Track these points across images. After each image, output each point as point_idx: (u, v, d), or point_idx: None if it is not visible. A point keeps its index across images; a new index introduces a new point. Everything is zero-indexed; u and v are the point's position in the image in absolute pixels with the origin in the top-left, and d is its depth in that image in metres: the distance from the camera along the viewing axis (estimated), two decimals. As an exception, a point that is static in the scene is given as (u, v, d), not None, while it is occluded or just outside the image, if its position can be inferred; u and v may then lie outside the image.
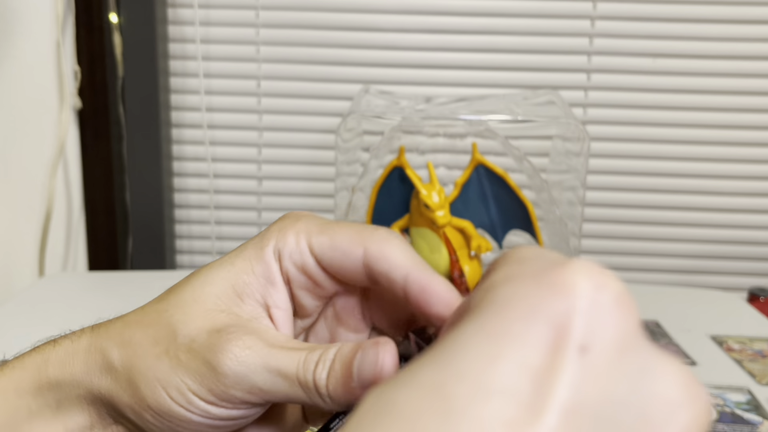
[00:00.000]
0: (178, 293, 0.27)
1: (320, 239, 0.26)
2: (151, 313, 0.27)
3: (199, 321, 0.26)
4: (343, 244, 0.26)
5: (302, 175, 1.06)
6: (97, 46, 0.99)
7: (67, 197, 1.04)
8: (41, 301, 0.82)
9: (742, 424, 0.59)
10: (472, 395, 0.15)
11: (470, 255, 0.79)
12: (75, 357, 0.27)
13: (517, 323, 0.17)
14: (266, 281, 0.27)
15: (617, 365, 0.16)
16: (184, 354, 0.25)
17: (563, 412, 0.15)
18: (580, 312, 0.16)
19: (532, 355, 0.16)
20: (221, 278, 0.27)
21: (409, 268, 0.25)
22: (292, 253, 0.27)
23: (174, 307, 0.27)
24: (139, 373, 0.26)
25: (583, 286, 0.17)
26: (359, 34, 1.01)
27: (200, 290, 0.27)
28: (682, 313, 0.84)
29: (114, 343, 0.27)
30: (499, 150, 0.79)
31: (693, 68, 1.00)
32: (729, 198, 1.04)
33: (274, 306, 0.27)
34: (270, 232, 0.27)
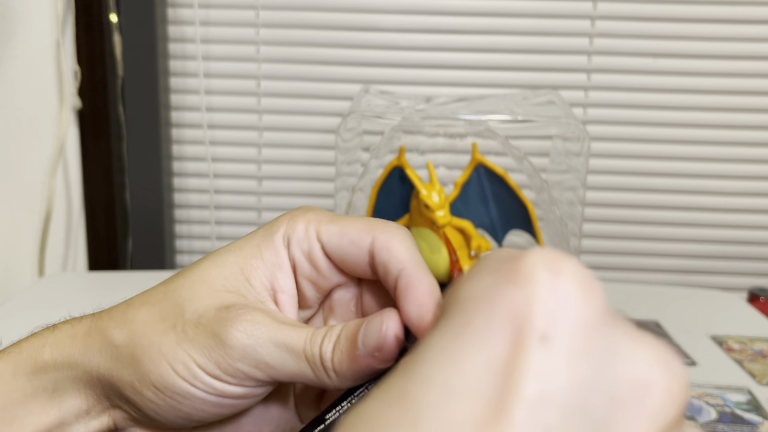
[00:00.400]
0: (186, 275, 0.27)
1: (329, 227, 0.27)
2: (157, 294, 0.27)
3: (207, 299, 0.26)
4: (352, 232, 0.27)
5: (302, 175, 1.06)
6: (97, 46, 0.99)
7: (66, 197, 1.04)
8: (41, 301, 0.82)
9: (742, 425, 0.59)
10: (438, 399, 0.15)
11: (470, 255, 0.79)
12: (74, 339, 0.27)
13: (477, 319, 0.16)
14: (274, 266, 0.27)
15: (582, 349, 0.16)
16: (191, 328, 0.25)
17: (531, 405, 0.15)
18: (539, 300, 0.16)
19: (494, 351, 0.16)
20: (230, 261, 0.27)
21: (407, 263, 0.26)
22: (300, 240, 0.27)
23: (182, 287, 0.27)
24: (142, 349, 0.26)
25: (540, 274, 0.17)
26: (359, 34, 1.01)
27: (208, 271, 0.27)
28: (682, 313, 0.84)
29: (116, 323, 0.27)
30: (499, 150, 0.79)
31: (693, 68, 1.00)
32: (729, 198, 1.04)
33: (280, 290, 0.27)
34: (280, 220, 0.28)
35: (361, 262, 0.27)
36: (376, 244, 0.26)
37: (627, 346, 0.16)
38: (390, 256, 0.26)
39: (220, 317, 0.25)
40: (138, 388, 0.26)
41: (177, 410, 0.26)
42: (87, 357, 0.27)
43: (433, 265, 0.79)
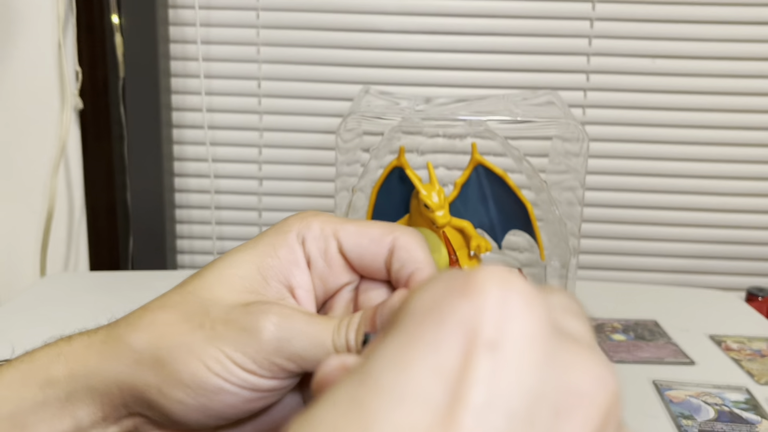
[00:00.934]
0: (201, 277, 0.28)
1: (347, 227, 0.28)
2: (173, 297, 0.27)
3: (229, 299, 0.26)
4: (372, 232, 0.28)
5: (302, 175, 1.06)
6: (99, 47, 0.99)
7: (68, 197, 1.04)
8: (43, 301, 0.82)
9: (741, 424, 0.59)
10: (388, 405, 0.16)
11: (470, 255, 0.79)
12: (89, 349, 0.27)
13: (428, 328, 0.17)
14: (290, 263, 0.28)
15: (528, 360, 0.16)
16: (221, 325, 0.25)
17: (478, 411, 0.15)
18: (488, 311, 0.17)
19: (444, 359, 0.16)
20: (245, 261, 0.27)
21: (423, 264, 0.27)
22: (317, 238, 0.28)
23: (200, 289, 0.27)
24: (169, 350, 0.25)
25: (490, 288, 0.17)
26: (359, 35, 1.02)
27: (225, 272, 0.27)
28: (680, 313, 0.84)
29: (134, 328, 0.27)
30: (499, 150, 0.80)
31: (692, 69, 1.01)
32: (728, 198, 1.04)
33: (298, 286, 0.28)
34: (290, 220, 0.29)
35: (379, 259, 0.28)
36: (398, 243, 0.27)
37: (570, 359, 0.17)
38: (409, 255, 0.27)
39: (250, 312, 0.26)
40: (166, 390, 0.26)
41: (207, 409, 0.26)
42: (104, 365, 0.27)
43: (432, 265, 0.79)
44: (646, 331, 0.79)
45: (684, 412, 0.61)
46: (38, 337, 0.72)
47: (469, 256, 0.79)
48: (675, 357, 0.72)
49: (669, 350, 0.74)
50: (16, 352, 0.31)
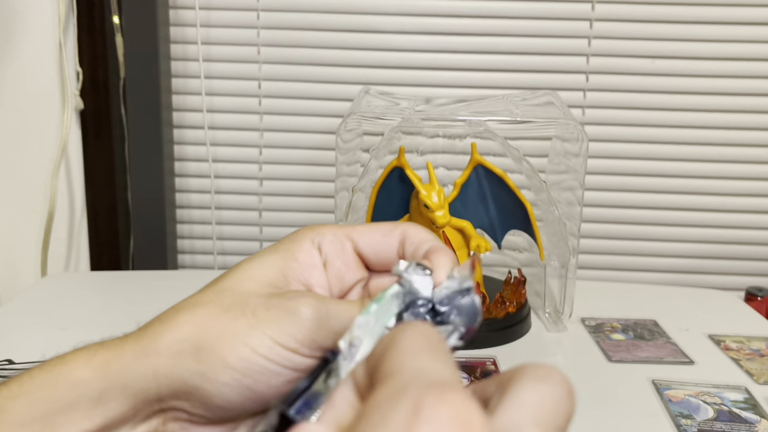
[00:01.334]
0: (230, 278, 0.30)
1: (357, 228, 0.32)
2: (206, 295, 0.29)
3: (263, 291, 0.29)
4: (383, 228, 0.32)
5: (303, 175, 1.06)
6: (99, 48, 0.99)
7: (69, 197, 1.05)
8: (44, 301, 0.82)
9: (740, 423, 0.59)
10: None
11: (469, 255, 0.79)
12: (124, 348, 0.28)
13: None
14: (309, 266, 0.31)
15: None
16: (263, 311, 0.28)
17: None
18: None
19: None
20: (270, 264, 0.30)
21: (434, 242, 0.31)
22: (332, 241, 0.31)
23: (231, 287, 0.29)
24: (213, 339, 0.27)
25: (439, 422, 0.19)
26: (359, 35, 1.02)
27: (253, 272, 0.30)
28: (679, 313, 0.84)
29: (170, 325, 0.28)
30: (498, 150, 0.80)
31: (691, 69, 1.01)
32: (727, 198, 1.04)
33: (316, 285, 0.31)
34: (303, 231, 0.32)
35: (392, 250, 0.31)
36: (407, 233, 0.31)
37: None
38: (420, 239, 0.31)
39: (288, 298, 0.28)
40: (211, 375, 0.27)
41: (250, 391, 0.27)
42: (141, 360, 0.27)
43: (432, 265, 0.79)
44: (645, 330, 0.79)
45: (683, 412, 0.61)
46: (39, 336, 0.73)
47: (469, 255, 0.79)
48: (674, 356, 0.73)
49: (668, 350, 0.74)
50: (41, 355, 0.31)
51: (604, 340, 0.76)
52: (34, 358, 0.61)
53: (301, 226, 0.32)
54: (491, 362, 0.70)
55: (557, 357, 0.74)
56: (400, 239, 0.31)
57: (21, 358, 0.62)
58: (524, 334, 0.78)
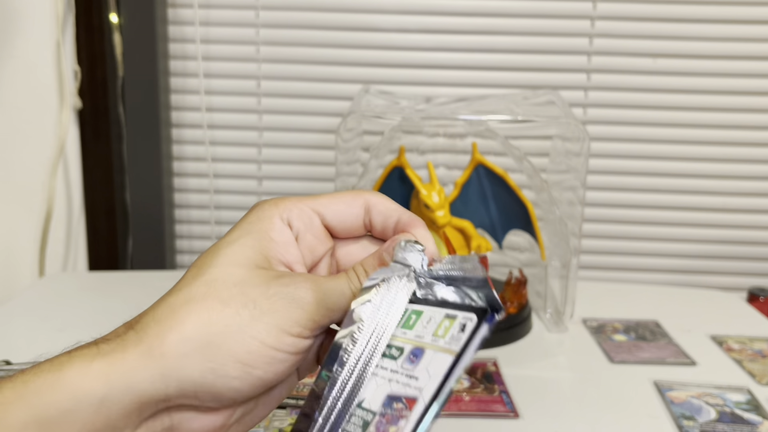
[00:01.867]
0: (213, 264, 0.30)
1: (320, 201, 0.33)
2: (197, 289, 0.29)
3: (256, 277, 0.29)
4: (345, 198, 0.33)
5: (302, 175, 1.06)
6: (98, 46, 0.99)
7: (67, 197, 1.04)
8: (41, 301, 0.82)
9: (742, 424, 0.59)
10: None
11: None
12: (125, 353, 0.27)
13: None
14: (284, 244, 0.31)
15: None
16: (264, 301, 0.28)
17: None
18: None
19: None
20: (249, 246, 0.30)
21: (400, 212, 0.33)
22: (300, 216, 0.32)
23: (220, 275, 0.29)
24: (219, 335, 0.27)
25: None
26: (359, 34, 1.01)
27: (235, 257, 0.30)
28: (681, 313, 0.84)
29: (170, 325, 0.28)
30: (499, 150, 0.80)
31: (693, 68, 1.00)
32: (729, 198, 1.04)
33: (294, 262, 0.32)
34: (266, 207, 0.32)
35: (358, 220, 0.33)
36: (370, 202, 0.33)
37: None
38: (385, 208, 0.33)
39: (286, 285, 0.29)
40: (221, 371, 0.27)
41: (259, 380, 0.28)
42: (146, 364, 0.27)
43: (433, 265, 0.79)
44: (647, 331, 0.79)
45: (685, 413, 0.61)
46: (37, 337, 0.72)
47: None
48: (676, 357, 0.72)
49: (670, 351, 0.74)
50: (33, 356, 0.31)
51: (606, 341, 0.76)
52: (32, 359, 0.61)
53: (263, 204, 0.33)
54: (492, 363, 0.70)
55: (559, 358, 0.73)
56: (365, 207, 0.33)
57: (18, 359, 0.62)
58: (525, 335, 0.78)
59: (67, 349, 0.29)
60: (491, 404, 0.62)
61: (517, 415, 0.60)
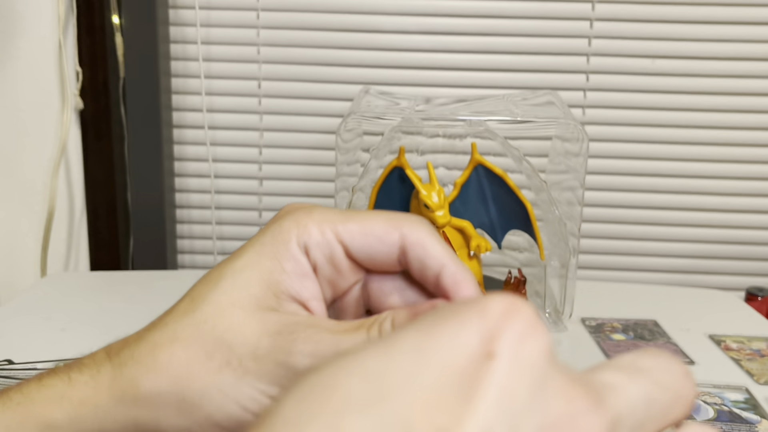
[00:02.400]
0: (210, 301, 0.26)
1: (348, 227, 0.27)
2: (185, 328, 0.26)
3: (249, 326, 0.25)
4: (377, 229, 0.27)
5: (303, 175, 1.06)
6: (99, 47, 0.99)
7: (68, 197, 1.04)
8: (43, 301, 0.82)
9: (740, 423, 0.59)
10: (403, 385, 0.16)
11: (470, 255, 0.79)
12: (98, 392, 0.26)
13: (447, 331, 0.18)
14: (298, 275, 0.27)
15: (532, 382, 0.17)
16: (251, 362, 0.25)
17: (483, 418, 0.16)
18: (506, 329, 0.18)
19: (458, 358, 0.17)
20: (254, 279, 0.26)
21: (446, 260, 0.26)
22: (320, 244, 0.27)
23: (213, 316, 0.25)
24: (197, 393, 0.25)
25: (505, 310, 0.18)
26: (359, 35, 1.02)
27: (236, 294, 0.26)
28: (680, 313, 0.84)
29: (147, 369, 0.25)
30: (499, 150, 0.80)
31: (691, 69, 1.01)
32: (727, 198, 1.04)
33: (310, 298, 0.27)
34: (286, 225, 0.27)
35: (391, 258, 0.27)
36: (408, 241, 0.26)
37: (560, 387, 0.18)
38: (426, 253, 0.26)
39: (277, 346, 0.25)
40: (196, 430, 0.25)
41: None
42: (119, 409, 0.25)
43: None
44: (645, 330, 0.79)
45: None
46: (39, 337, 0.73)
47: (469, 256, 0.79)
48: (674, 356, 0.73)
49: (669, 350, 0.74)
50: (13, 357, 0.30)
51: (605, 340, 0.76)
52: (34, 358, 0.61)
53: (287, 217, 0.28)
54: (491, 362, 0.70)
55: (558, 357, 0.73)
56: (400, 246, 0.26)
57: (20, 359, 0.62)
58: (524, 334, 0.78)
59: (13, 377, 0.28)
60: (490, 403, 0.62)
61: (516, 414, 0.60)
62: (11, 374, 0.59)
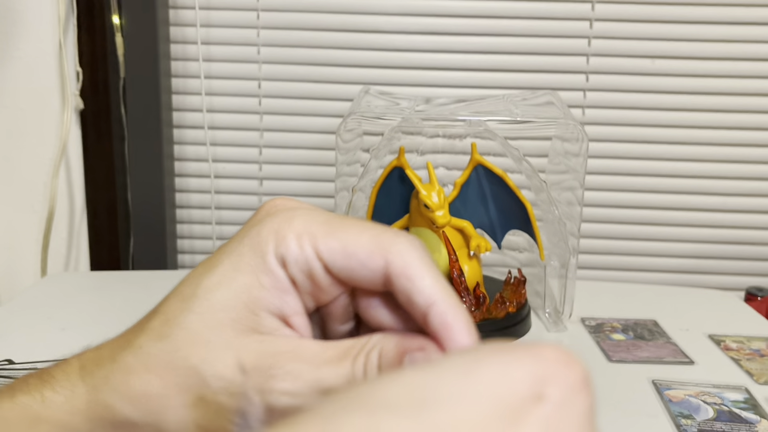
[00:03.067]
0: (183, 326, 0.25)
1: (329, 244, 0.25)
2: (160, 355, 0.24)
3: (225, 356, 0.24)
4: (360, 252, 0.24)
5: (303, 175, 1.06)
6: (99, 47, 0.99)
7: (69, 197, 1.05)
8: (43, 301, 0.82)
9: (740, 423, 0.59)
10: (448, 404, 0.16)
11: (469, 255, 0.79)
12: (74, 416, 0.25)
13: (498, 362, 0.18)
14: (277, 291, 0.25)
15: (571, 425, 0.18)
16: (224, 397, 0.24)
17: None
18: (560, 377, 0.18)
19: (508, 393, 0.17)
20: (230, 298, 0.25)
21: (436, 297, 0.24)
22: (298, 260, 0.25)
23: (186, 344, 0.24)
24: (171, 425, 0.24)
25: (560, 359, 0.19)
26: (359, 35, 1.02)
27: (211, 317, 0.24)
28: (680, 313, 0.84)
29: (122, 396, 0.25)
30: (498, 150, 0.80)
31: (691, 69, 1.01)
32: (727, 198, 1.04)
33: (293, 314, 0.25)
34: (264, 234, 0.25)
35: (375, 283, 0.25)
36: (393, 270, 0.24)
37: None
38: (413, 286, 0.24)
39: (255, 383, 0.23)
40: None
41: None
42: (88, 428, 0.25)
43: (432, 265, 0.79)
44: (645, 330, 0.80)
45: (683, 412, 0.61)
46: (39, 336, 0.73)
47: (469, 256, 0.79)
48: (674, 356, 0.73)
49: (668, 350, 0.74)
50: None
51: (604, 340, 0.76)
52: (34, 358, 0.61)
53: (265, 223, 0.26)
54: (491, 362, 0.70)
55: (557, 357, 0.74)
56: (384, 273, 0.24)
57: (20, 358, 0.62)
58: (524, 334, 0.78)
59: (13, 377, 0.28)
60: (490, 403, 0.62)
61: (516, 414, 0.60)
62: (11, 374, 0.59)
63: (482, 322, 0.76)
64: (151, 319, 0.26)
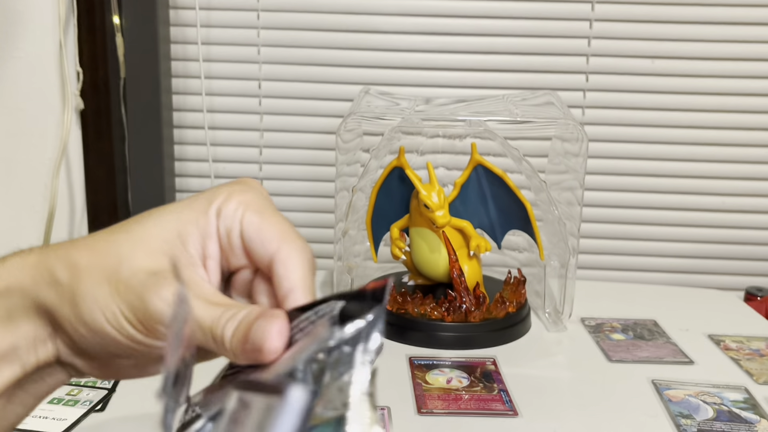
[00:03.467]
0: (129, 229, 0.30)
1: (252, 218, 0.30)
2: (100, 242, 0.30)
3: (142, 259, 0.29)
4: (268, 233, 0.30)
5: (303, 175, 1.07)
6: (100, 48, 0.99)
7: (69, 198, 1.05)
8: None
9: (740, 423, 0.59)
10: None
11: (469, 255, 0.79)
12: (23, 270, 0.30)
13: None
14: (206, 234, 0.30)
15: None
16: (123, 286, 0.29)
17: None
18: None
19: None
20: (170, 223, 0.30)
21: (297, 286, 0.29)
22: (228, 217, 0.30)
23: (124, 240, 0.30)
24: (81, 293, 0.29)
25: None
26: (359, 35, 1.02)
27: (149, 231, 0.30)
28: (679, 313, 0.84)
29: (61, 262, 0.30)
30: (498, 150, 0.80)
31: (691, 70, 1.01)
32: (727, 198, 1.04)
33: (210, 257, 0.31)
34: (220, 191, 0.31)
35: (264, 262, 0.30)
36: (278, 256, 0.30)
37: None
38: (285, 272, 0.30)
39: (147, 284, 0.28)
40: (74, 324, 0.29)
41: (102, 345, 0.30)
42: (36, 288, 0.30)
43: (432, 265, 0.79)
44: (645, 330, 0.80)
45: (683, 412, 0.61)
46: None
47: (469, 255, 0.79)
48: (674, 356, 0.73)
49: (668, 350, 0.74)
50: None
51: (604, 340, 0.76)
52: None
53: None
54: (491, 362, 0.71)
55: (557, 357, 0.74)
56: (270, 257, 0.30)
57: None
58: (524, 334, 0.78)
59: None
60: (490, 403, 0.62)
61: (517, 414, 0.61)
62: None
63: (482, 322, 0.76)
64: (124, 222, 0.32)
